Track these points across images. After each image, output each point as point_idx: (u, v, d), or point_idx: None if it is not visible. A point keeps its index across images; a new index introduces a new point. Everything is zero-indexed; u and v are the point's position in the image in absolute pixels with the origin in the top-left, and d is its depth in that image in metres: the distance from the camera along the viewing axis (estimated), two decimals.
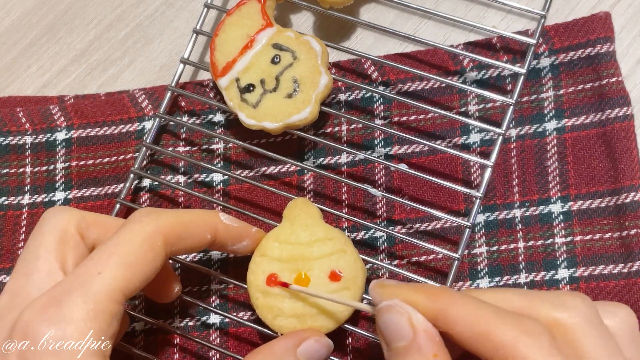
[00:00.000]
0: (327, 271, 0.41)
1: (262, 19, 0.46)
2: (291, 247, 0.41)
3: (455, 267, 0.42)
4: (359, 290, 0.41)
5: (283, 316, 0.41)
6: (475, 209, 0.43)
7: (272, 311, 0.41)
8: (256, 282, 0.41)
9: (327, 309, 0.40)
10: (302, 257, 0.41)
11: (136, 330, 0.46)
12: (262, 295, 0.41)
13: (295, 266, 0.41)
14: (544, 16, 0.46)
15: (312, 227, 0.42)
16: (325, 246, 0.41)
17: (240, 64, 0.46)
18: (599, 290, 0.43)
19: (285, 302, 0.41)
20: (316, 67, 0.45)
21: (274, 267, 0.41)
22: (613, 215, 0.44)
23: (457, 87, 0.45)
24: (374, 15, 0.51)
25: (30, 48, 0.54)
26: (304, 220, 0.42)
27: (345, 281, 0.41)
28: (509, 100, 0.44)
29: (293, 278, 0.41)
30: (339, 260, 0.41)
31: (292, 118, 0.44)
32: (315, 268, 0.41)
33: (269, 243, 0.42)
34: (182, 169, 0.49)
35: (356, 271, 0.41)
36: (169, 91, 0.48)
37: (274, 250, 0.42)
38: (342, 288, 0.41)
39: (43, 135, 0.50)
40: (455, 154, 0.44)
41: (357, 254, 0.41)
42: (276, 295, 0.41)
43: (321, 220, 0.42)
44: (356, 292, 0.41)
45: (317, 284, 0.41)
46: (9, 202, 0.49)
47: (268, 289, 0.41)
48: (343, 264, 0.41)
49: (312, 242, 0.41)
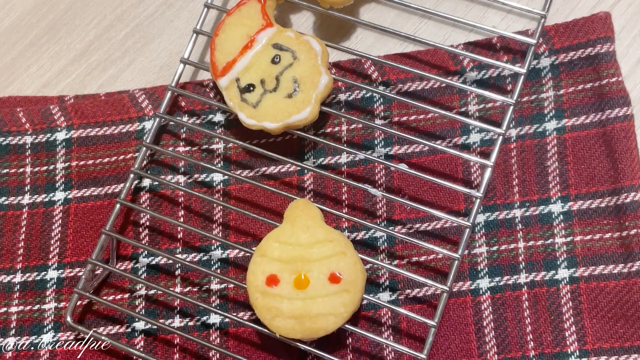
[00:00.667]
0: (327, 273, 0.41)
1: (262, 19, 0.46)
2: (291, 248, 0.41)
3: (456, 267, 0.42)
4: (359, 293, 0.41)
5: (282, 317, 0.41)
6: (475, 209, 0.43)
7: (270, 312, 0.41)
8: (255, 283, 0.41)
9: (327, 310, 0.40)
10: (302, 258, 0.41)
11: (136, 330, 0.46)
12: (261, 296, 0.41)
13: (294, 267, 0.41)
14: (544, 16, 0.46)
15: (312, 229, 0.42)
16: (326, 248, 0.41)
17: (240, 64, 0.46)
18: (599, 290, 0.43)
19: (284, 303, 0.41)
20: (316, 67, 0.45)
21: (274, 267, 0.41)
22: (613, 215, 0.44)
23: (457, 87, 0.45)
24: (373, 15, 0.51)
25: (30, 48, 0.54)
26: (305, 221, 0.42)
27: (345, 284, 0.41)
28: (509, 100, 0.44)
29: (293, 279, 0.41)
30: (339, 263, 0.41)
31: (292, 118, 0.44)
32: (314, 270, 0.41)
33: (269, 243, 0.42)
34: (182, 169, 0.49)
35: (356, 274, 0.41)
36: (169, 91, 0.48)
37: (274, 251, 0.42)
38: (341, 290, 0.41)
39: (43, 135, 0.50)
40: (455, 154, 0.44)
41: (357, 257, 0.41)
42: (275, 296, 0.41)
43: (322, 222, 0.42)
44: (355, 294, 0.41)
45: (316, 286, 0.41)
46: (9, 202, 0.49)
47: (267, 290, 0.41)
48: (343, 266, 0.41)
49: (313, 243, 0.41)
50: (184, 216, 0.48)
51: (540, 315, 0.43)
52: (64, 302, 0.47)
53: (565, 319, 0.43)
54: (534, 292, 0.44)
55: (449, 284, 0.42)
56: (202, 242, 0.47)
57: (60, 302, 0.47)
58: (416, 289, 0.45)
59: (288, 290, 0.41)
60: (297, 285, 0.41)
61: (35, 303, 0.47)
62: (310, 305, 0.40)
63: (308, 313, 0.40)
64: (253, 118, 0.45)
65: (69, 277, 0.47)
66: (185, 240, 0.48)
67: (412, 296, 0.45)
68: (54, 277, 0.47)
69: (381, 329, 0.45)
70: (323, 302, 0.40)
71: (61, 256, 0.48)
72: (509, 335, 0.43)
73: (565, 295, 0.43)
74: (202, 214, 0.48)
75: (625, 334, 0.42)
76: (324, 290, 0.41)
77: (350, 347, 0.45)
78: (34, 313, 0.47)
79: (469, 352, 0.43)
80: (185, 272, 0.47)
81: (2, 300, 0.47)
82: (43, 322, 0.47)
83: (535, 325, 0.43)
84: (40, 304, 0.47)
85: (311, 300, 0.41)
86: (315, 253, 0.41)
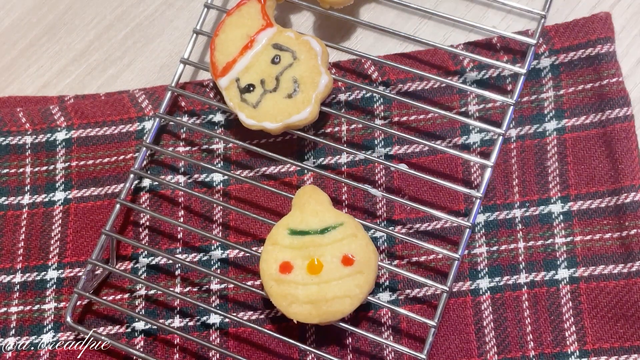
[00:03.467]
0: (340, 256, 0.41)
1: (262, 19, 0.46)
2: (302, 234, 0.41)
3: (455, 268, 0.42)
4: (372, 273, 0.41)
5: (298, 303, 0.41)
6: (475, 209, 0.43)
7: (286, 299, 0.41)
8: (269, 271, 0.41)
9: (342, 293, 0.40)
10: (313, 243, 0.41)
11: (136, 331, 0.46)
12: (275, 284, 0.41)
13: (307, 253, 0.41)
14: (544, 16, 0.46)
15: (321, 214, 0.42)
16: (336, 231, 0.41)
17: (240, 64, 0.46)
18: (599, 290, 0.43)
19: (299, 289, 0.41)
20: (316, 67, 0.45)
21: (286, 254, 0.41)
22: (613, 216, 0.44)
23: (457, 87, 0.45)
24: (374, 15, 0.51)
25: (30, 48, 0.54)
26: (313, 206, 0.42)
27: (358, 265, 0.41)
28: (509, 101, 0.44)
29: (306, 264, 0.41)
30: (351, 245, 0.41)
31: (292, 118, 0.44)
32: (327, 254, 0.41)
33: (280, 231, 0.42)
34: (182, 169, 0.49)
35: (368, 254, 0.41)
36: (169, 91, 0.48)
37: (284, 239, 0.42)
38: (355, 272, 0.41)
39: (43, 135, 0.50)
40: (455, 154, 0.44)
41: (368, 238, 0.42)
42: (290, 282, 0.41)
43: (330, 206, 0.43)
44: (369, 275, 0.41)
45: (330, 270, 0.41)
46: (9, 202, 0.49)
47: (282, 277, 0.41)
48: (355, 248, 0.41)
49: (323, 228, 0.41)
50: (183, 216, 0.48)
51: (540, 315, 0.43)
52: (63, 302, 0.47)
53: (565, 319, 0.43)
54: (534, 292, 0.44)
55: (449, 284, 0.42)
56: (202, 242, 0.47)
57: (60, 302, 0.47)
58: (416, 289, 0.45)
59: (302, 276, 0.41)
60: (310, 270, 0.41)
61: (35, 303, 0.47)
62: (326, 289, 0.40)
63: (324, 297, 0.40)
64: (253, 118, 0.45)
65: (69, 277, 0.47)
66: (185, 240, 0.48)
67: (412, 296, 0.45)
68: (54, 277, 0.47)
69: (381, 329, 0.45)
70: (338, 285, 0.40)
71: (61, 256, 0.48)
72: (509, 336, 0.43)
73: (565, 295, 0.43)
74: (202, 214, 0.48)
75: (625, 334, 0.42)
76: (338, 273, 0.41)
77: (351, 347, 0.45)
78: (34, 313, 0.47)
79: (468, 352, 0.43)
80: (185, 272, 0.47)
81: (2, 300, 0.47)
82: (43, 322, 0.47)
83: (535, 326, 0.43)
84: (40, 304, 0.47)
85: (326, 284, 0.41)
86: (327, 237, 0.41)
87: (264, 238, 0.46)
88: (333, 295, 0.41)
